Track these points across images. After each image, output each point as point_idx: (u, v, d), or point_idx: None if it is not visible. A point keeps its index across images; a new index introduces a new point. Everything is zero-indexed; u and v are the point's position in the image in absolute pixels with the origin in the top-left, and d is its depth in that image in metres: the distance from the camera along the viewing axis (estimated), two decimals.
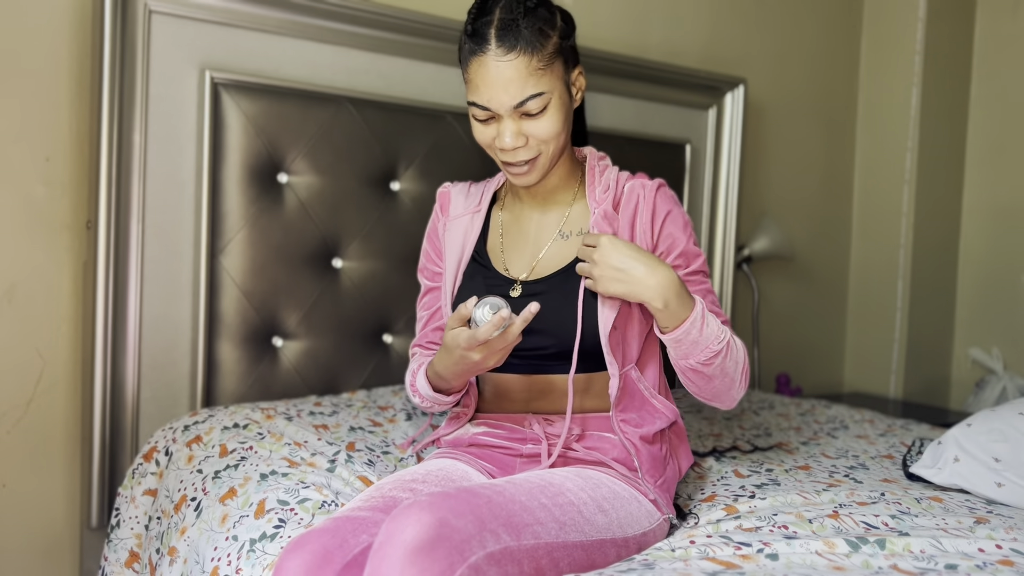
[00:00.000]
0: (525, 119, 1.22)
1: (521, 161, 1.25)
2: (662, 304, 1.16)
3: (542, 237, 1.34)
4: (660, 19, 2.44)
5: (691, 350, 1.19)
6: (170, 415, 1.70)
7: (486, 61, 1.19)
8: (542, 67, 1.20)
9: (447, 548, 0.92)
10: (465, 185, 1.45)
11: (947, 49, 2.86)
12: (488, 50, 1.19)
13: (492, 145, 1.26)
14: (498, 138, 1.24)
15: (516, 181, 1.29)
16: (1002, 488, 1.35)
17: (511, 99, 1.20)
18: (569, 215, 1.34)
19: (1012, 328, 2.80)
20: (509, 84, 1.19)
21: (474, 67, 1.21)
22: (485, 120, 1.24)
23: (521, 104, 1.20)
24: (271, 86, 1.74)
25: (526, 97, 1.20)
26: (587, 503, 1.12)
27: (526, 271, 1.32)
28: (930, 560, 1.05)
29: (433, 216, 1.46)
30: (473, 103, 1.23)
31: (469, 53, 1.22)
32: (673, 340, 1.19)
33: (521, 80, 1.19)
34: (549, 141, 1.24)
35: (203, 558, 1.23)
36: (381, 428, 1.62)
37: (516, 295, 1.29)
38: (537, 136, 1.23)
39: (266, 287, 1.76)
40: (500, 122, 1.23)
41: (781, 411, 2.10)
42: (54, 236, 1.64)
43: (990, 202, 2.88)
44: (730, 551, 1.09)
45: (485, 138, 1.26)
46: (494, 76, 1.19)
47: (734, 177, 2.50)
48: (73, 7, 1.62)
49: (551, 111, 1.22)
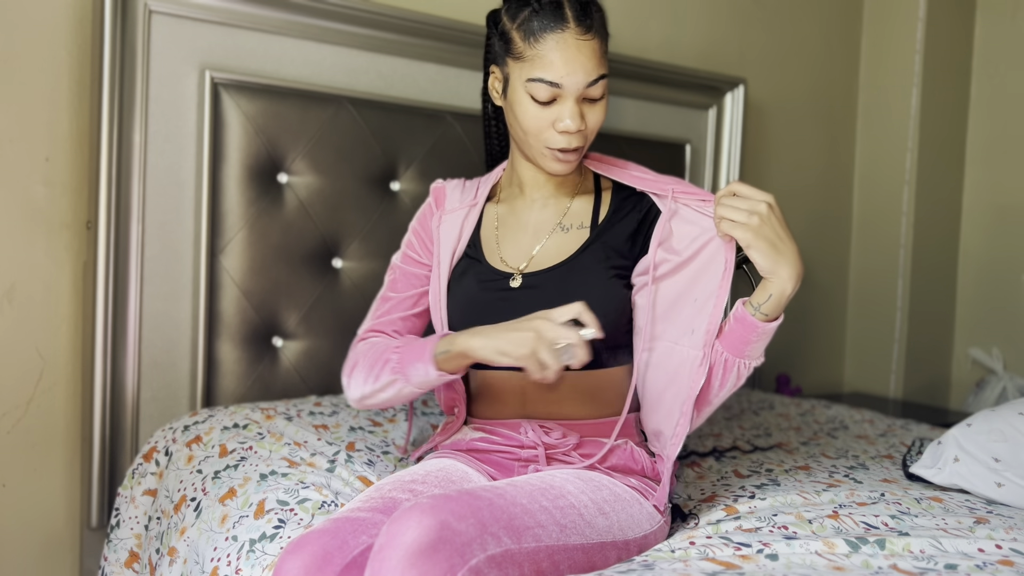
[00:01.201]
0: (585, 104, 1.23)
1: (574, 148, 1.24)
2: (793, 287, 1.14)
3: (541, 230, 1.34)
4: (660, 19, 2.44)
5: (760, 345, 1.18)
6: (170, 415, 1.70)
7: (566, 38, 1.19)
8: (605, 52, 1.23)
9: (448, 551, 0.92)
10: (459, 181, 1.45)
11: (947, 49, 2.86)
12: (568, 27, 1.19)
13: (545, 129, 1.23)
14: (559, 120, 1.22)
15: (555, 168, 1.27)
16: (1002, 488, 1.35)
17: (587, 76, 1.20)
18: (570, 208, 1.34)
19: (1012, 328, 2.80)
20: (587, 62, 1.20)
21: (551, 43, 1.19)
22: (547, 101, 1.22)
23: (594, 83, 1.21)
24: (271, 86, 1.74)
25: (598, 76, 1.21)
26: (588, 506, 1.12)
27: (524, 262, 1.32)
28: (930, 560, 1.05)
29: (425, 208, 1.43)
30: (540, 79, 1.20)
31: (542, 29, 1.20)
32: (767, 331, 1.15)
33: (596, 60, 1.21)
34: (595, 132, 1.26)
35: (203, 558, 1.23)
36: (381, 428, 1.62)
37: (516, 286, 1.29)
38: (592, 124, 1.25)
39: (266, 287, 1.76)
40: (562, 103, 1.22)
41: (781, 411, 2.10)
42: (54, 236, 1.64)
43: (990, 202, 2.88)
44: (730, 552, 1.09)
45: (541, 122, 1.23)
46: (574, 53, 1.19)
47: (734, 177, 2.50)
48: (73, 7, 1.62)
49: (605, 99, 1.25)
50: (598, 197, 1.36)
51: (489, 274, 1.32)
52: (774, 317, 1.16)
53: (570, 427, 1.28)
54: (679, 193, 1.28)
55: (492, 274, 1.32)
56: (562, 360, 1.11)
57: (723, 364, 1.19)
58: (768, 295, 1.14)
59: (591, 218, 1.33)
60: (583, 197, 1.36)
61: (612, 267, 1.27)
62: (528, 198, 1.36)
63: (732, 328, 1.17)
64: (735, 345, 1.17)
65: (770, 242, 1.12)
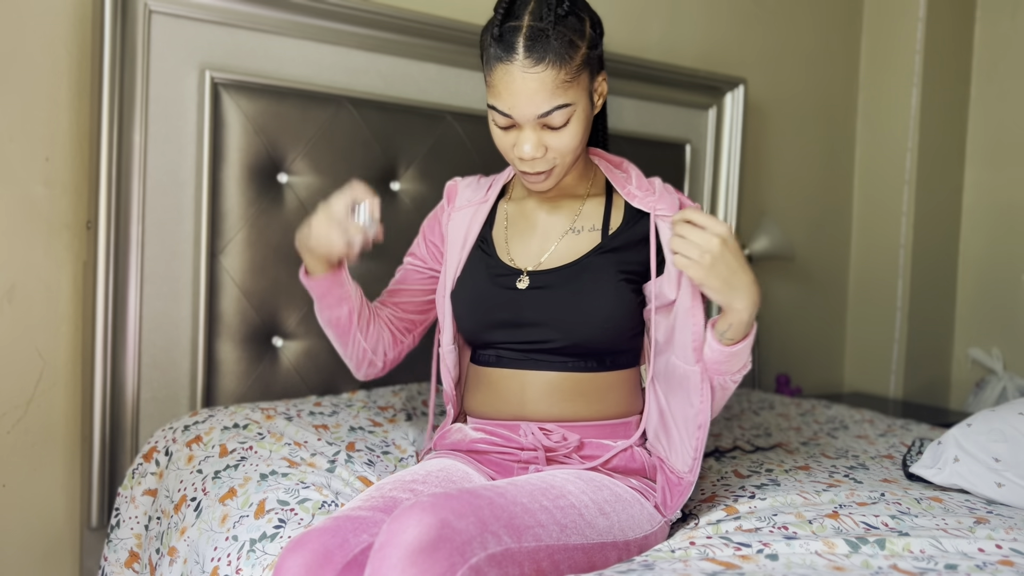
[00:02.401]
0: (546, 130, 1.21)
1: (539, 172, 1.24)
2: (750, 315, 1.14)
3: (551, 231, 1.34)
4: (659, 19, 2.44)
5: (736, 363, 1.18)
6: (170, 415, 1.70)
7: (512, 71, 1.16)
8: (568, 80, 1.17)
9: (448, 549, 0.92)
10: (474, 179, 1.45)
11: (947, 49, 2.86)
12: (515, 60, 1.16)
13: (508, 151, 1.25)
14: (516, 147, 1.22)
15: (531, 187, 1.28)
16: (1002, 488, 1.35)
17: (535, 110, 1.18)
18: (582, 211, 1.34)
19: (1012, 328, 2.80)
20: (534, 95, 1.17)
21: (499, 74, 1.18)
22: (505, 127, 1.22)
23: (545, 115, 1.18)
24: (271, 86, 1.74)
25: (551, 109, 1.18)
26: (588, 506, 1.12)
27: (533, 263, 1.32)
28: (930, 560, 1.05)
29: (437, 207, 1.45)
30: (494, 107, 1.21)
31: (494, 59, 1.18)
32: (736, 352, 1.16)
33: (547, 92, 1.17)
34: (567, 154, 1.23)
35: (203, 558, 1.23)
36: (381, 428, 1.62)
37: (523, 286, 1.29)
38: (557, 148, 1.21)
39: (266, 287, 1.76)
40: (520, 131, 1.21)
41: (781, 411, 2.10)
42: (54, 236, 1.63)
43: (990, 202, 2.88)
44: (730, 552, 1.09)
45: (504, 144, 1.25)
46: (519, 87, 1.16)
47: (734, 177, 2.50)
48: (73, 7, 1.62)
49: (573, 124, 1.21)
50: (609, 199, 1.35)
51: (499, 269, 1.32)
52: (741, 339, 1.16)
53: (571, 429, 1.28)
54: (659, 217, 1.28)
55: (502, 269, 1.32)
56: (360, 225, 1.21)
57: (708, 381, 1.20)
58: (728, 324, 1.15)
59: (602, 220, 1.33)
60: (594, 199, 1.35)
61: (621, 271, 1.28)
62: (537, 199, 1.36)
63: (705, 352, 1.19)
64: (711, 366, 1.19)
65: (723, 279, 1.12)
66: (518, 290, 1.29)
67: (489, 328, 1.30)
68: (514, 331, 1.29)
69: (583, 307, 1.25)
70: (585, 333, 1.25)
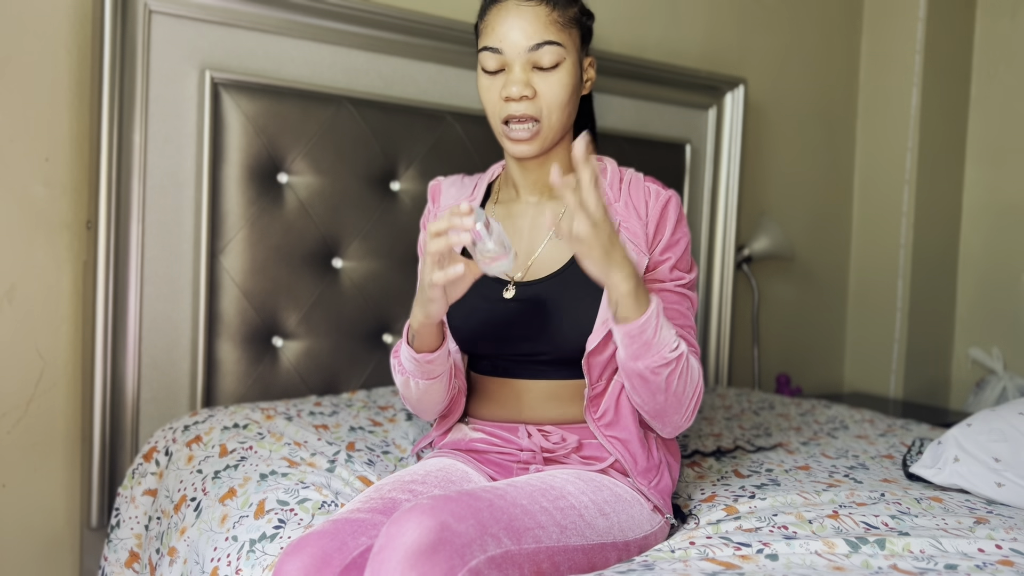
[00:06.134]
0: (536, 73, 1.20)
1: (526, 116, 1.20)
2: (632, 285, 1.07)
3: (536, 235, 1.31)
4: (659, 19, 2.44)
5: (642, 351, 1.11)
6: (170, 415, 1.70)
7: (507, 5, 1.18)
8: (561, 22, 1.18)
9: (448, 552, 0.92)
10: (457, 177, 1.44)
11: (947, 49, 2.86)
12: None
13: (497, 103, 1.22)
14: (505, 88, 1.20)
15: (515, 150, 1.24)
16: (1002, 488, 1.35)
17: (527, 40, 1.17)
18: (566, 211, 1.31)
19: (1012, 328, 2.80)
20: (527, 25, 1.17)
21: (492, 13, 1.19)
22: (494, 71, 1.21)
23: (536, 48, 1.18)
24: (271, 86, 1.74)
25: (542, 41, 1.17)
26: (588, 506, 1.12)
27: (520, 271, 1.29)
28: (930, 560, 1.05)
29: (426, 209, 1.44)
30: (485, 47, 1.20)
31: (489, 2, 1.20)
32: (627, 335, 1.10)
33: (541, 25, 1.18)
34: (554, 108, 1.21)
35: (203, 558, 1.23)
36: (381, 428, 1.62)
37: (510, 296, 1.27)
38: (545, 95, 1.19)
39: (266, 287, 1.76)
40: (509, 72, 1.20)
41: (781, 411, 2.10)
42: (54, 236, 1.64)
43: (990, 202, 2.88)
44: (730, 552, 1.09)
45: (491, 95, 1.22)
46: (513, 17, 1.18)
47: (734, 177, 2.50)
48: (73, 7, 1.62)
49: (562, 71, 1.20)
50: None
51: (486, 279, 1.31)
52: (632, 319, 1.09)
53: (570, 430, 1.27)
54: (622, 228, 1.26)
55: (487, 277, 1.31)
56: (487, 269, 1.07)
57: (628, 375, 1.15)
58: (615, 302, 1.10)
59: None
60: None
61: None
62: (523, 201, 1.34)
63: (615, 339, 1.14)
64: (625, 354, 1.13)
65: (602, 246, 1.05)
66: (505, 300, 1.27)
67: (480, 340, 1.29)
68: (504, 344, 1.27)
69: (564, 328, 1.22)
70: (572, 349, 1.23)
